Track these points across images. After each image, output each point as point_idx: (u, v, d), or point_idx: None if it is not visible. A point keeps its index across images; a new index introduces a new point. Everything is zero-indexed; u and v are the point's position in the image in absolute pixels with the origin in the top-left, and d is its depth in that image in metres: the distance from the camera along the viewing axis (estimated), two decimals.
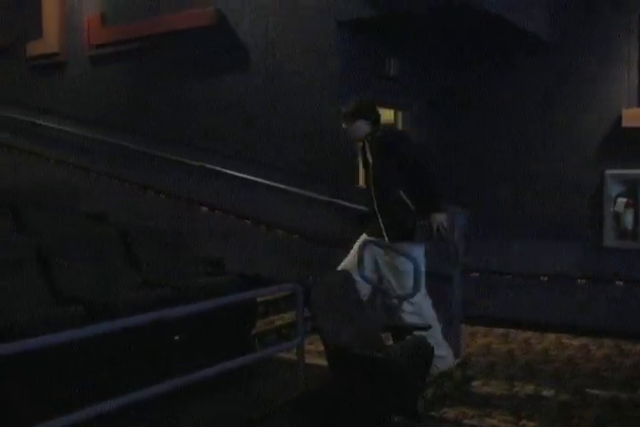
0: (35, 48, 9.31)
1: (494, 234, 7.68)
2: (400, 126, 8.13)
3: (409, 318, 4.91)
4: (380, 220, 5.02)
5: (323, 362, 4.36)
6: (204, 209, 7.33)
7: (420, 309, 4.94)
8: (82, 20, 8.84)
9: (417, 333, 4.42)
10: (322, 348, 4.32)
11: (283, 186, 7.07)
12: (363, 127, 5.17)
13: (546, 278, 7.50)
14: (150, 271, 5.30)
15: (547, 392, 5.14)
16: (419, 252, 5.01)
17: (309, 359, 4.59)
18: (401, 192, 4.98)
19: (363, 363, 3.98)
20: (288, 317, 6.13)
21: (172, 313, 3.78)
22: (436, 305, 5.09)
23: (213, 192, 7.27)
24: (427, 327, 4.49)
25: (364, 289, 5.00)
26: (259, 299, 5.64)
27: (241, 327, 5.25)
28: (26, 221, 5.98)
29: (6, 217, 6.03)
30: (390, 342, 4.58)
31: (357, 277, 4.92)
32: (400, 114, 8.19)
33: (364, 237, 5.20)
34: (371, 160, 5.06)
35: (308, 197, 6.92)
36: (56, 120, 8.65)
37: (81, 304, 4.33)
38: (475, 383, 5.26)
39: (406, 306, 4.93)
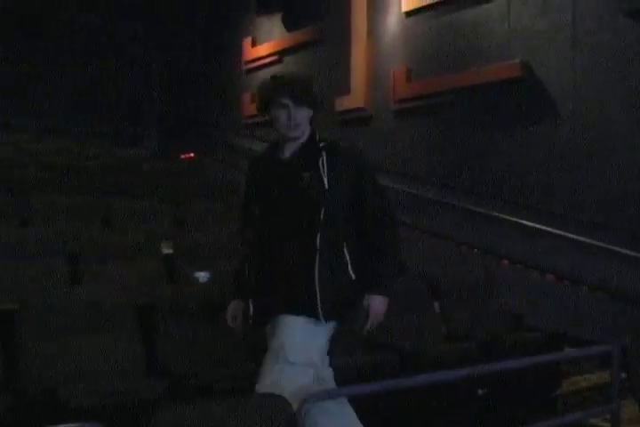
0: (343, 103, 9.95)
1: None
2: None
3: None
4: (318, 287, 3.07)
5: None
6: (505, 262, 7.29)
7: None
8: (388, 75, 9.28)
9: None
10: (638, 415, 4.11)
11: (583, 239, 6.78)
12: (305, 121, 3.28)
13: None
14: (457, 324, 5.36)
15: None
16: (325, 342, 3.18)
17: None
18: (344, 245, 3.21)
19: None
20: (593, 378, 5.87)
21: (487, 369, 3.77)
22: None
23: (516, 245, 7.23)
24: None
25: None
26: None
27: (545, 387, 5.13)
28: None
29: None
30: None
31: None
32: None
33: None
34: (326, 185, 3.16)
35: (608, 250, 6.59)
36: None
37: (395, 353, 4.50)
38: None
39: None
